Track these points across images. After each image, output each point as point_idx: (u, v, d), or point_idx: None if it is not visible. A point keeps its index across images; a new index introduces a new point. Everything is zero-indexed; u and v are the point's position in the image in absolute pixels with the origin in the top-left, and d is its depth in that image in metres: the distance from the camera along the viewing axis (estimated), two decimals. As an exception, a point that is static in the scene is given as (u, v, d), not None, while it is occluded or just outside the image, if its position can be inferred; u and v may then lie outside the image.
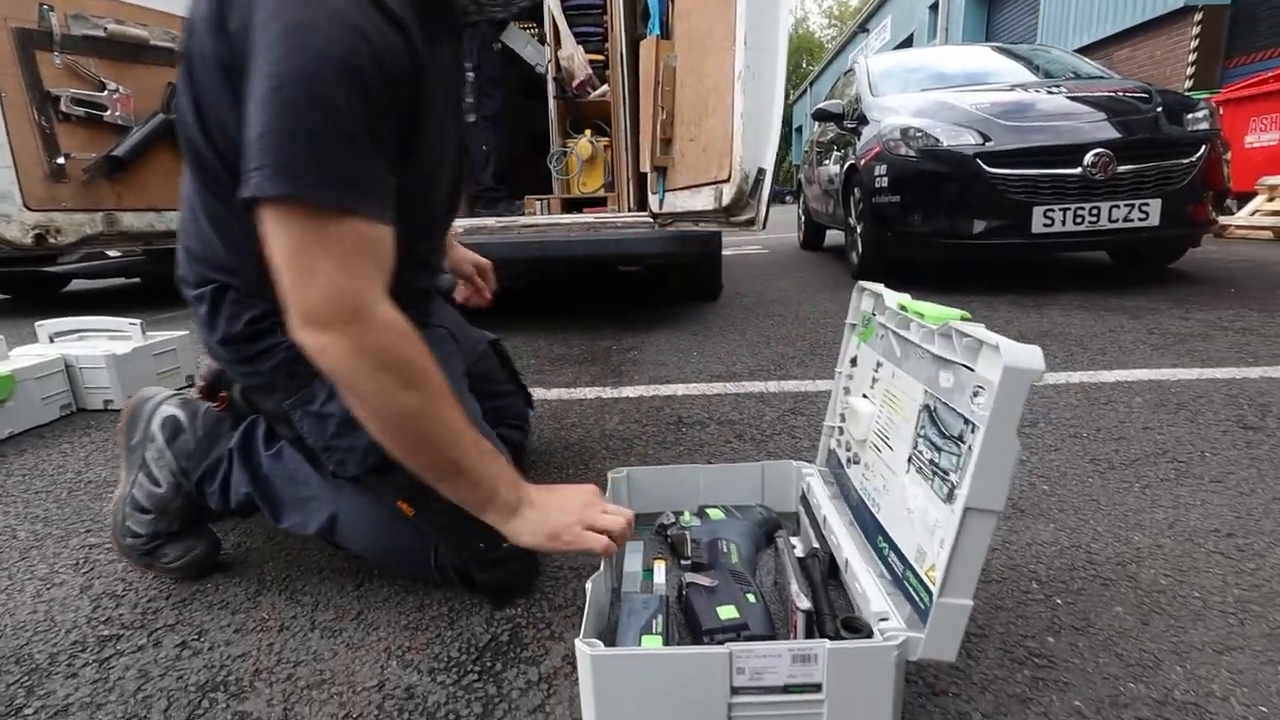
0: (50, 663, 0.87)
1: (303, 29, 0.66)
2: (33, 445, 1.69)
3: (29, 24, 1.90)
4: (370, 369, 0.72)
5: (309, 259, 0.70)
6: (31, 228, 1.94)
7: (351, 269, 0.71)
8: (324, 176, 0.68)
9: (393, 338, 0.73)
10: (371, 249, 0.73)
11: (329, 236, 0.70)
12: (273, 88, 0.66)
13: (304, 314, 0.71)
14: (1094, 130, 3.02)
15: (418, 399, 0.74)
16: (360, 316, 0.71)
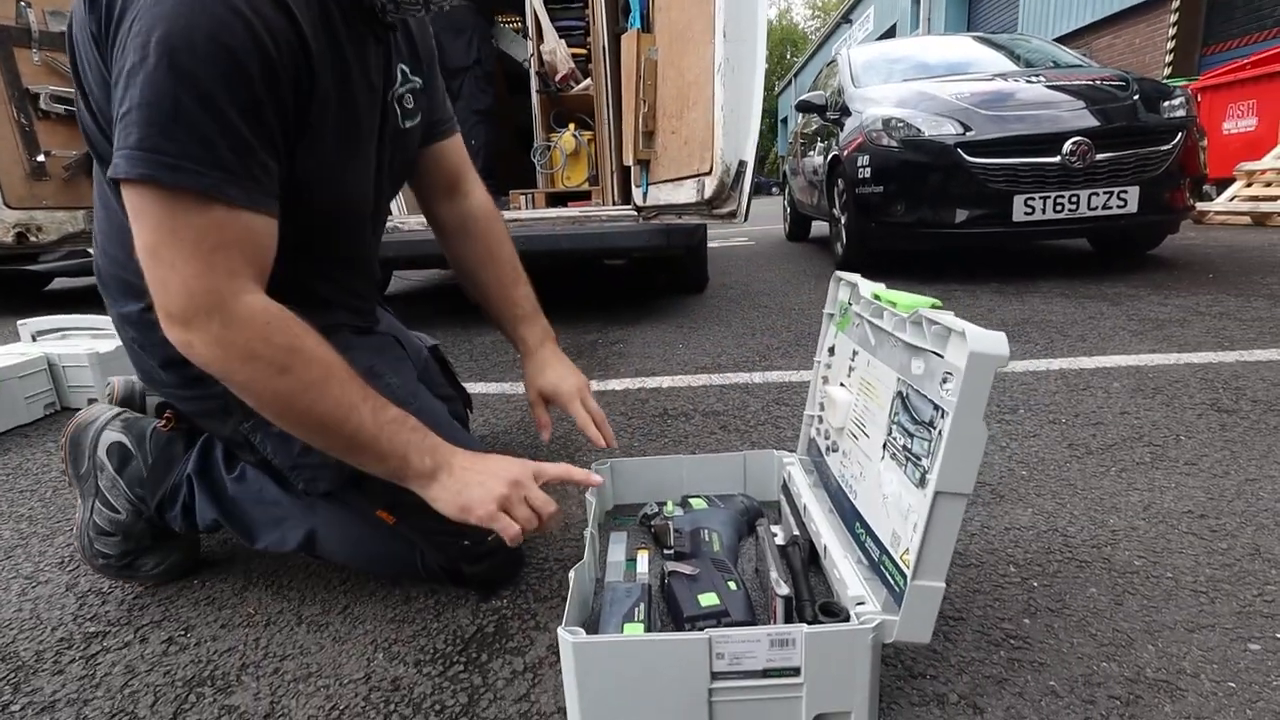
0: (37, 660, 0.87)
1: (175, 3, 0.63)
2: (16, 445, 1.67)
3: (7, 21, 1.88)
4: (238, 360, 0.70)
5: (168, 253, 0.68)
6: (12, 226, 1.93)
7: (210, 263, 0.68)
8: (187, 157, 0.65)
9: (257, 327, 0.70)
10: (237, 239, 0.70)
11: (189, 226, 0.67)
12: (137, 60, 0.63)
13: (166, 312, 0.70)
14: (1073, 119, 3.05)
15: (292, 382, 0.72)
16: (220, 309, 0.69)
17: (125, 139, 0.65)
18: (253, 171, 0.69)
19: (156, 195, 0.66)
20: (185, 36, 0.63)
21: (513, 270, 1.13)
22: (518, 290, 1.12)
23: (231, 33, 0.64)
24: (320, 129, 0.77)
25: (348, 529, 0.91)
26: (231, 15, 0.64)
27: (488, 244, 1.11)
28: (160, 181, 0.65)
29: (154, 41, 0.62)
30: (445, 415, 0.99)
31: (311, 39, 0.72)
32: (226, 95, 0.65)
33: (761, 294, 3.31)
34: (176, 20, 0.63)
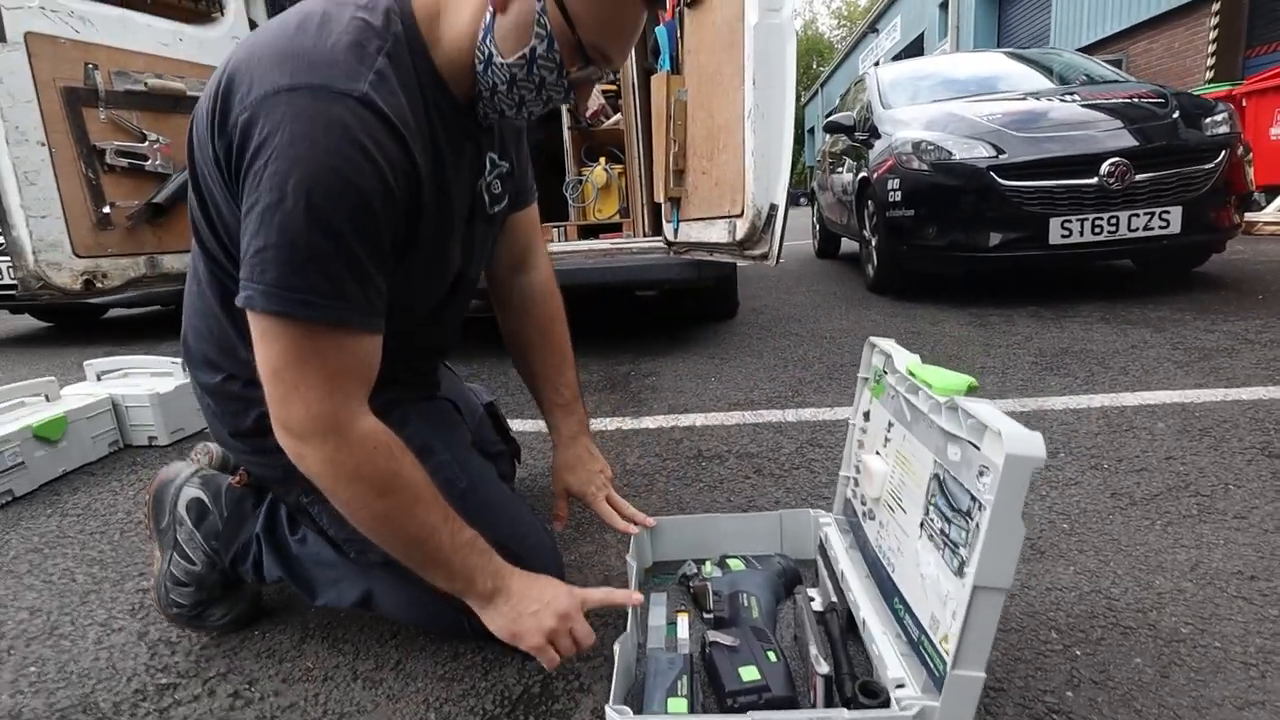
0: (115, 711, 0.93)
1: (304, 141, 0.68)
2: (84, 483, 1.76)
3: (76, 83, 2.00)
4: (345, 480, 0.77)
5: (294, 376, 0.73)
6: (80, 274, 2.04)
7: (333, 388, 0.74)
8: (317, 291, 0.71)
9: (366, 452, 0.77)
10: (356, 363, 0.76)
11: (315, 354, 0.73)
12: (274, 200, 0.69)
13: (285, 427, 0.76)
14: (1109, 139, 3.01)
15: (390, 504, 0.78)
16: (336, 432, 0.75)
17: (260, 274, 0.71)
18: (369, 296, 0.75)
19: (286, 326, 0.72)
20: (321, 181, 0.68)
21: (560, 355, 1.17)
22: (562, 377, 1.16)
23: (361, 174, 0.70)
24: (421, 240, 0.83)
25: (399, 592, 0.95)
26: (361, 156, 0.70)
27: (541, 326, 1.16)
28: (292, 316, 0.71)
29: (291, 185, 0.68)
30: (492, 480, 1.03)
31: (421, 164, 0.78)
32: (353, 231, 0.71)
33: (792, 319, 3.32)
34: (312, 164, 0.68)
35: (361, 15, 0.76)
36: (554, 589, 0.89)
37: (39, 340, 4.37)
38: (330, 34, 0.73)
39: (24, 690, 0.97)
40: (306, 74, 0.70)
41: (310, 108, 0.69)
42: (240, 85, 0.72)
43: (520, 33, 0.76)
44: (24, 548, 1.42)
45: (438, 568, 0.83)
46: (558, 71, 0.78)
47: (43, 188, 1.86)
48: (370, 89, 0.72)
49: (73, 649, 1.06)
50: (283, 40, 0.73)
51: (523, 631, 0.84)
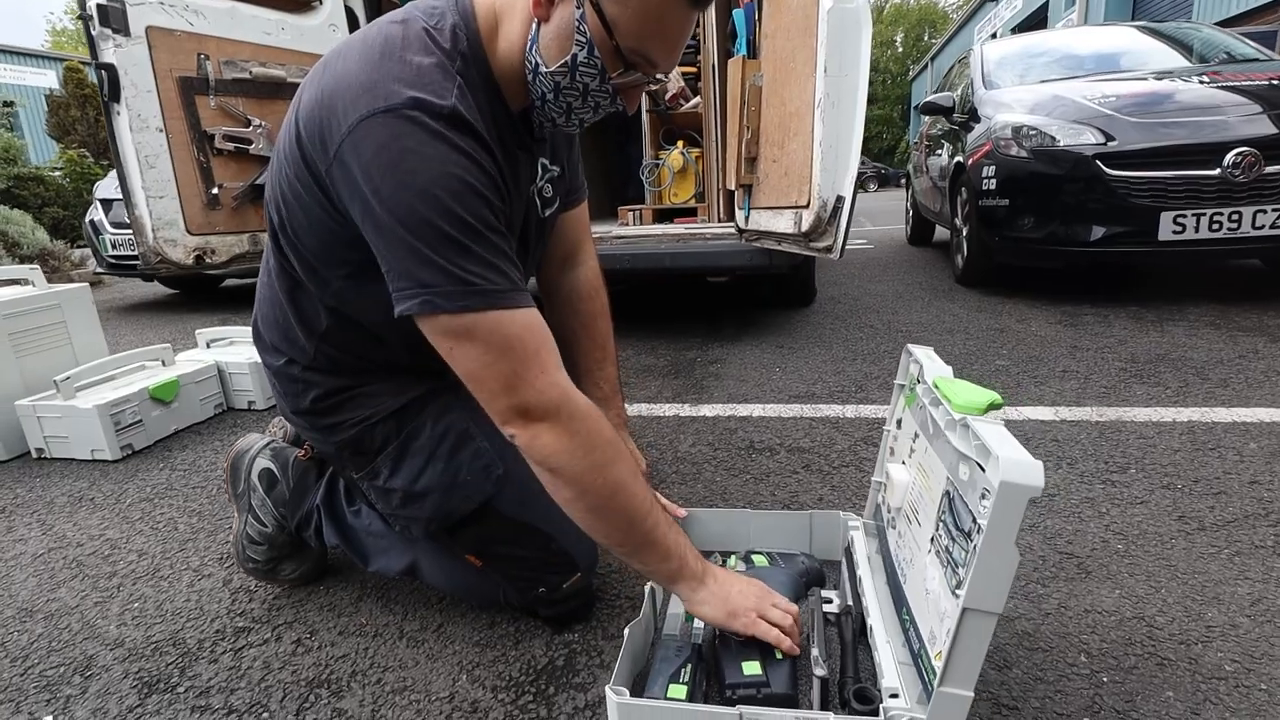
0: (198, 648, 1.06)
1: (413, 155, 0.72)
2: (192, 441, 1.97)
3: (190, 72, 2.20)
4: (583, 450, 0.79)
5: (507, 366, 0.76)
6: (192, 250, 2.26)
7: (545, 363, 0.77)
8: (483, 279, 0.74)
9: (595, 418, 0.79)
10: (545, 335, 0.79)
11: (513, 338, 0.76)
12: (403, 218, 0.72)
13: (519, 414, 0.78)
14: (1242, 125, 2.72)
15: (620, 473, 0.80)
16: (568, 400, 0.78)
17: (413, 287, 0.74)
18: (517, 275, 0.79)
19: (473, 324, 0.75)
20: (440, 184, 0.72)
21: (602, 350, 1.21)
22: (602, 371, 1.20)
23: (470, 173, 0.75)
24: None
25: (441, 564, 1.03)
26: (466, 159, 0.75)
27: (585, 321, 1.20)
28: (473, 307, 0.74)
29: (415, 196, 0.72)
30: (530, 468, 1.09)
31: (505, 171, 0.83)
32: (481, 221, 0.75)
33: (869, 310, 3.23)
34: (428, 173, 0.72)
35: (434, 34, 0.80)
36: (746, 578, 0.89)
37: (165, 306, 4.84)
38: (413, 56, 0.77)
39: (127, 623, 1.12)
40: (399, 95, 0.73)
41: (407, 126, 0.72)
42: (339, 110, 0.76)
43: (562, 41, 0.78)
44: (138, 496, 1.61)
45: (654, 547, 0.83)
46: (600, 78, 0.80)
47: (160, 170, 2.07)
48: (457, 102, 0.76)
49: (169, 590, 1.21)
50: (372, 66, 0.77)
51: (739, 608, 0.83)
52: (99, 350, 2.18)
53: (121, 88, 2.05)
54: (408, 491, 0.96)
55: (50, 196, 9.98)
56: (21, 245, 5.90)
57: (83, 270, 6.03)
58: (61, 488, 1.69)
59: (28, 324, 1.99)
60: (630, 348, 2.72)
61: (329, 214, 0.82)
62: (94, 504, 1.59)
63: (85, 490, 1.67)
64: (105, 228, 4.54)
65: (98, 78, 2.06)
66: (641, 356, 2.59)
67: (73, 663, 1.04)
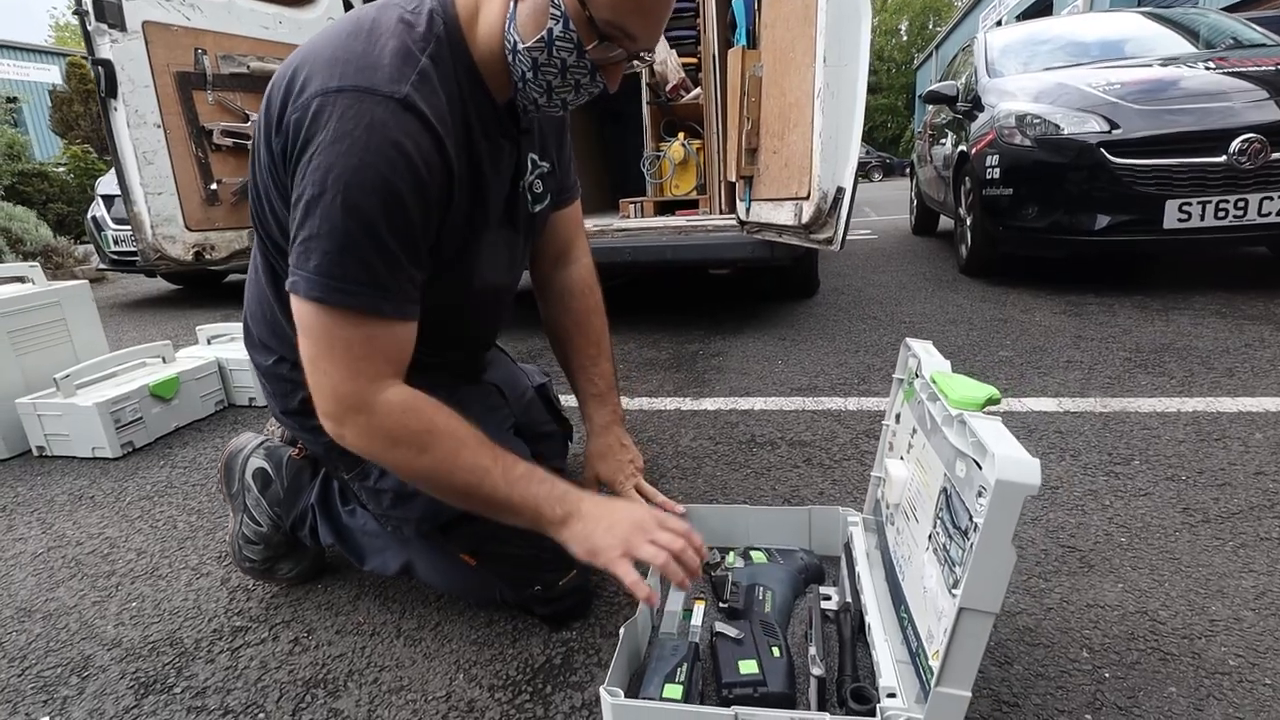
0: (195, 647, 1.06)
1: (345, 139, 0.73)
2: (193, 438, 1.97)
3: (187, 67, 2.18)
4: (383, 447, 0.82)
5: (325, 363, 0.80)
6: (191, 246, 2.25)
7: (358, 370, 0.80)
8: (351, 279, 0.76)
9: (395, 417, 0.81)
10: (385, 346, 0.82)
11: (344, 340, 0.79)
12: (317, 194, 0.74)
13: (322, 410, 0.83)
14: (1248, 112, 2.69)
15: (433, 459, 0.83)
16: (364, 407, 0.80)
17: (304, 262, 0.77)
18: (402, 285, 0.81)
19: (321, 312, 0.78)
20: (358, 176, 0.73)
21: (596, 347, 1.20)
22: (597, 367, 1.19)
23: (395, 170, 0.75)
24: (452, 232, 0.88)
25: (436, 563, 1.03)
26: (397, 153, 0.75)
27: (579, 318, 1.20)
28: (326, 302, 0.77)
29: (331, 179, 0.74)
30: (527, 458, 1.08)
31: (454, 160, 0.82)
32: (386, 225, 0.76)
33: (873, 302, 3.21)
34: (351, 160, 0.73)
35: (407, 19, 0.81)
36: (629, 506, 0.88)
37: (168, 302, 4.85)
38: (379, 39, 0.78)
39: (125, 622, 1.12)
40: (354, 77, 0.76)
41: (354, 108, 0.74)
42: (295, 86, 0.78)
43: (537, 16, 0.78)
44: (138, 494, 1.61)
45: (500, 507, 0.85)
46: (577, 52, 0.79)
47: (159, 166, 2.06)
48: (412, 90, 0.76)
49: (167, 589, 1.21)
50: (336, 45, 0.79)
51: (597, 547, 0.81)
52: (99, 347, 2.18)
53: (118, 83, 2.04)
54: (398, 492, 0.96)
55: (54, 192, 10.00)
56: (25, 242, 5.91)
57: (86, 266, 6.04)
58: (62, 486, 1.69)
59: (28, 322, 1.99)
60: (632, 341, 2.71)
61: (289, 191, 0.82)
62: (94, 502, 1.59)
63: (85, 488, 1.67)
64: (107, 224, 4.54)
65: (94, 73, 2.05)
66: (643, 350, 2.58)
67: (70, 663, 1.03)
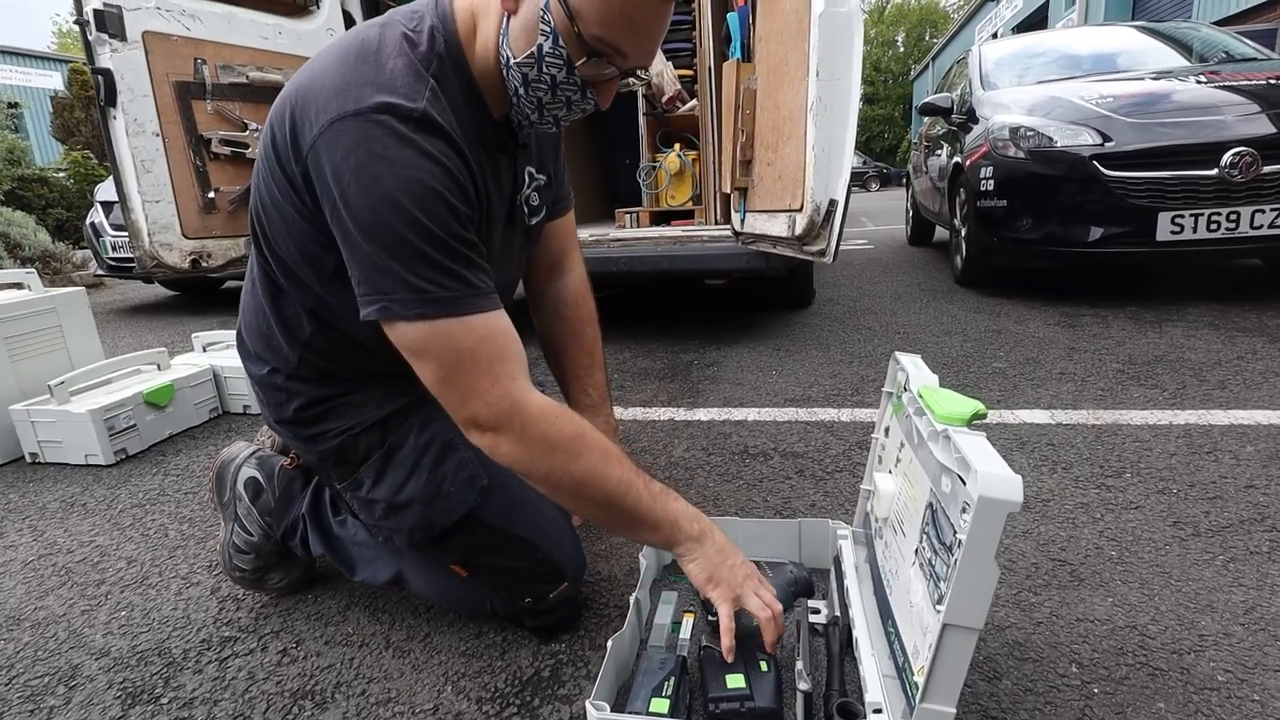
0: (183, 657, 1.05)
1: (379, 160, 0.73)
2: (186, 446, 1.97)
3: (186, 77, 2.20)
4: (542, 453, 0.81)
5: (463, 379, 0.78)
6: (188, 253, 2.26)
7: (498, 373, 0.79)
8: (439, 286, 0.75)
9: (550, 421, 0.81)
10: (503, 342, 0.80)
11: (468, 350, 0.77)
12: (370, 221, 0.73)
13: (473, 424, 0.81)
14: (1240, 125, 2.71)
15: (586, 467, 0.82)
16: (519, 410, 0.79)
17: (377, 292, 0.76)
18: (481, 277, 0.80)
19: (429, 329, 0.77)
20: (404, 189, 0.73)
21: (590, 357, 1.20)
22: (591, 378, 1.20)
23: (436, 177, 0.75)
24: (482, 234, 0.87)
25: (427, 574, 1.03)
26: (432, 163, 0.75)
27: (573, 328, 1.20)
28: (428, 315, 0.76)
29: (379, 201, 0.73)
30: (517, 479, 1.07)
31: (476, 174, 0.82)
32: (445, 229, 0.76)
33: (868, 312, 3.21)
34: (392, 178, 0.73)
35: (411, 36, 0.81)
36: (745, 558, 0.89)
37: (165, 308, 4.84)
38: (386, 59, 0.78)
39: (114, 631, 1.12)
40: (370, 98, 0.74)
41: (376, 130, 0.73)
42: (310, 113, 0.77)
43: (528, 31, 0.78)
44: (130, 503, 1.61)
45: (643, 520, 0.85)
46: (567, 69, 0.79)
47: (157, 175, 2.07)
48: (428, 105, 0.77)
49: (157, 598, 1.21)
50: (346, 69, 0.78)
51: (720, 578, 0.84)
52: (94, 354, 2.18)
53: (118, 92, 2.05)
54: (391, 503, 0.96)
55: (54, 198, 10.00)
56: (23, 247, 5.91)
57: (84, 272, 6.04)
58: (54, 493, 1.69)
59: (23, 328, 1.99)
60: (627, 350, 2.71)
61: (304, 217, 0.82)
62: (86, 510, 1.58)
63: (78, 495, 1.66)
64: (106, 230, 4.54)
65: (94, 82, 2.06)
66: (638, 359, 2.59)
67: (57, 672, 1.03)
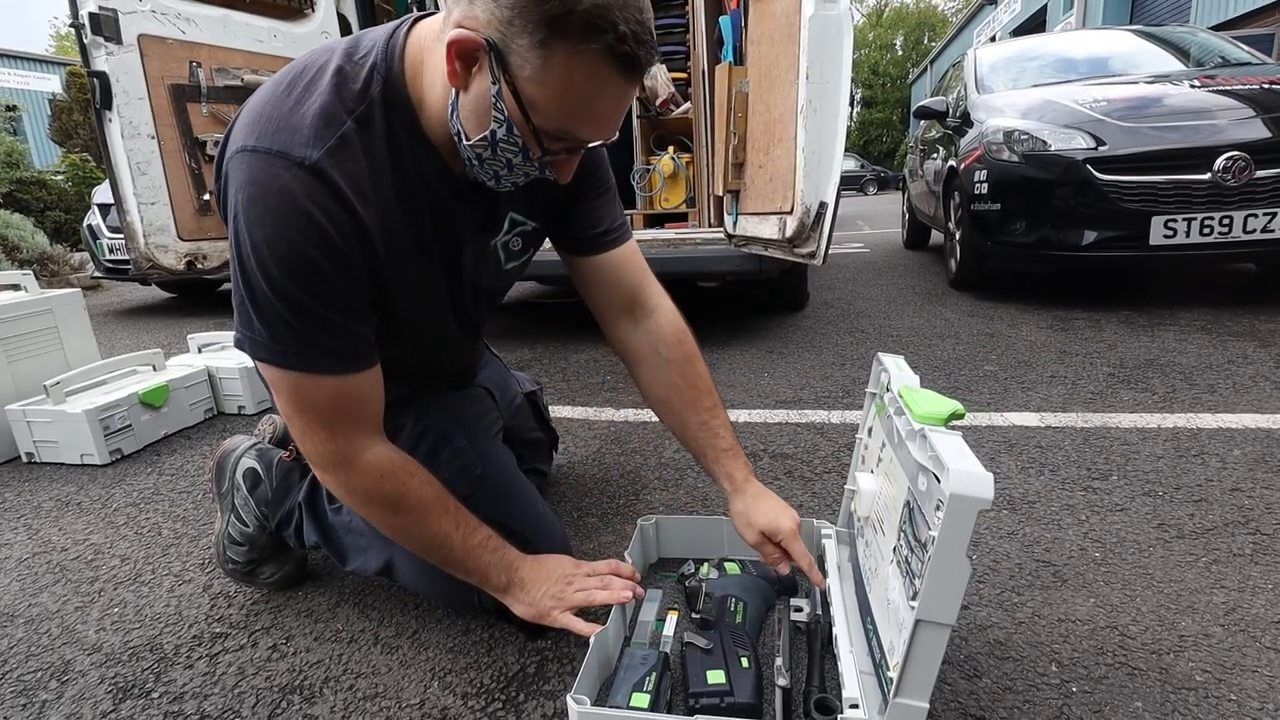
0: (175, 653, 1.06)
1: (257, 205, 0.72)
2: (181, 446, 1.98)
3: (181, 80, 2.21)
4: (360, 502, 0.88)
5: (300, 423, 0.83)
6: (184, 255, 2.27)
7: (333, 430, 0.83)
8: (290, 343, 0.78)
9: (373, 480, 0.86)
10: (349, 403, 0.84)
11: (310, 401, 0.82)
12: (238, 263, 0.75)
13: (307, 458, 0.88)
14: (1233, 130, 2.73)
15: (403, 520, 0.89)
16: (345, 465, 0.85)
17: (247, 323, 0.79)
18: (345, 343, 0.81)
19: (278, 373, 0.81)
20: (272, 246, 0.73)
21: (710, 397, 1.06)
22: (717, 419, 1.05)
23: (308, 238, 0.73)
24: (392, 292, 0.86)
25: (417, 564, 1.03)
26: (307, 222, 0.73)
27: (683, 370, 1.05)
28: (277, 364, 0.80)
29: (249, 249, 0.73)
30: (509, 468, 1.09)
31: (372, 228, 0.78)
32: (308, 292, 0.75)
33: (862, 315, 3.23)
34: (264, 229, 0.72)
35: (346, 71, 0.77)
36: (557, 561, 0.98)
37: (162, 310, 4.85)
38: (309, 96, 0.75)
39: (106, 628, 1.13)
40: (270, 138, 0.73)
41: (265, 173, 0.72)
42: (232, 135, 0.78)
43: (480, 116, 0.73)
44: (124, 501, 1.61)
45: (454, 567, 0.93)
46: (523, 155, 0.75)
47: (152, 177, 2.08)
48: (325, 156, 0.73)
49: (150, 595, 1.22)
50: (267, 99, 0.77)
51: (541, 611, 0.92)
52: (90, 355, 2.19)
53: (113, 95, 2.07)
54: None
55: (52, 200, 10.02)
56: (21, 249, 5.92)
57: (81, 274, 6.05)
58: (49, 492, 1.70)
59: (19, 329, 2.00)
60: (621, 352, 2.71)
61: None
62: (80, 509, 1.59)
63: (73, 495, 1.67)
64: (103, 232, 4.55)
65: (90, 85, 2.07)
66: (632, 361, 2.59)
67: (50, 668, 1.04)
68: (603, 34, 0.65)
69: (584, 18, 0.64)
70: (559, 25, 0.64)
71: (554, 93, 0.68)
